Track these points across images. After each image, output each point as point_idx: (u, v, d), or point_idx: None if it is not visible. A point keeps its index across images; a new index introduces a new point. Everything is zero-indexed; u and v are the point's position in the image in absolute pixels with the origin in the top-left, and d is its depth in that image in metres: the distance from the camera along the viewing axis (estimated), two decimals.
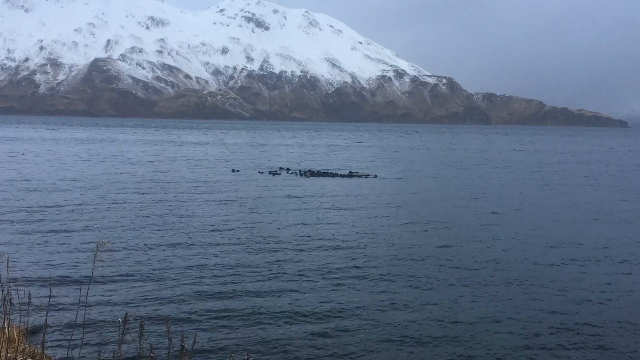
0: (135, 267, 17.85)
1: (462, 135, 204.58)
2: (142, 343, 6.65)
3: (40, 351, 8.87)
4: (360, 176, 48.58)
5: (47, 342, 10.18)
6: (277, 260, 19.14)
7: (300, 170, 51.99)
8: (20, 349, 8.75)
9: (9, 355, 8.35)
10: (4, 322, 7.81)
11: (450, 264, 19.27)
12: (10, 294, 7.39)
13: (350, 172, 51.32)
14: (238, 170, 51.77)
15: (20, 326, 9.01)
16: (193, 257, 19.31)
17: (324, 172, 50.38)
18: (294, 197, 35.05)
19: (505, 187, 43.09)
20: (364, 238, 23.19)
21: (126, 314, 7.20)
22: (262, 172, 50.37)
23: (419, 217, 28.76)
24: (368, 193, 37.74)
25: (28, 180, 40.69)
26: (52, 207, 29.06)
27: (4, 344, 8.06)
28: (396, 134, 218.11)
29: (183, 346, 6.45)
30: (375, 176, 48.93)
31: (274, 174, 49.00)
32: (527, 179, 49.48)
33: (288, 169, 53.49)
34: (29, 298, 7.64)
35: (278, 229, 24.69)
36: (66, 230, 23.10)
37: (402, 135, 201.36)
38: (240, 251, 20.32)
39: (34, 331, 11.36)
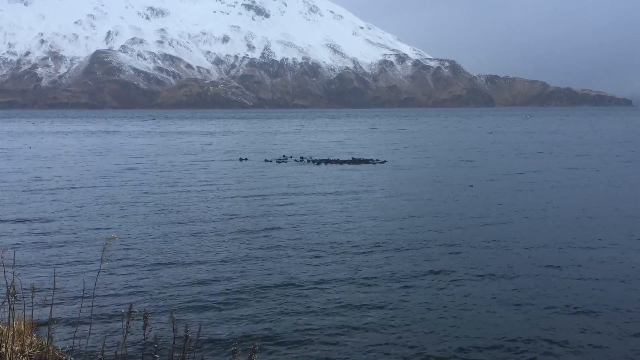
0: (141, 259, 17.82)
1: (468, 119, 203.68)
2: (146, 333, 6.64)
3: (47, 343, 8.89)
4: (367, 162, 48.38)
5: (53, 333, 10.22)
6: (279, 247, 19.13)
7: (305, 158, 51.89)
8: (28, 342, 8.79)
9: (16, 348, 8.35)
10: (10, 316, 7.83)
11: (454, 250, 19.18)
12: (15, 288, 7.46)
13: (357, 158, 51.06)
14: (246, 159, 51.87)
15: (26, 319, 9.03)
16: (201, 248, 19.25)
17: (330, 159, 50.17)
18: (299, 184, 35.00)
19: (526, 172, 42.87)
20: (369, 224, 23.12)
21: (131, 305, 7.22)
22: (269, 161, 50.28)
23: (426, 203, 28.65)
24: (374, 179, 37.60)
25: (37, 174, 40.75)
26: (60, 201, 29.08)
27: (11, 337, 8.12)
28: (400, 119, 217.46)
29: (187, 335, 6.47)
30: (384, 162, 48.73)
31: (280, 162, 48.94)
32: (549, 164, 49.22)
33: (292, 157, 53.43)
34: (34, 292, 7.69)
35: (284, 217, 24.63)
36: (73, 225, 23.06)
37: (407, 119, 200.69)
38: (247, 241, 20.23)
39: (40, 324, 11.40)
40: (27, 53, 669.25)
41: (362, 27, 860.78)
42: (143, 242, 19.89)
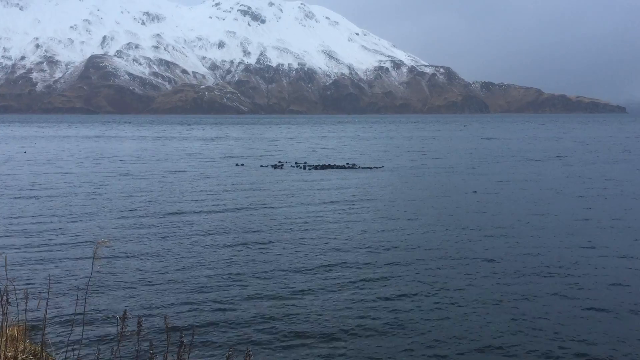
0: (136, 266, 17.71)
1: (467, 125, 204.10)
2: (140, 339, 6.61)
3: (40, 349, 8.90)
4: (364, 168, 48.23)
5: (46, 339, 10.02)
6: (277, 255, 19.08)
7: (301, 163, 51.72)
8: (21, 348, 8.69)
9: (9, 353, 8.27)
10: (2, 321, 7.73)
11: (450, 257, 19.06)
12: (8, 293, 7.36)
13: (353, 164, 50.94)
14: (242, 164, 51.63)
15: (19, 325, 8.93)
16: (196, 254, 19.11)
17: (327, 165, 50.00)
18: (296, 191, 34.93)
19: (517, 180, 42.80)
20: (369, 234, 23.01)
21: (125, 310, 7.22)
22: (265, 166, 50.09)
23: (422, 209, 28.56)
24: (372, 185, 37.46)
25: (31, 179, 40.45)
26: (52, 205, 28.93)
27: (4, 343, 8.00)
28: (397, 124, 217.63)
29: (182, 341, 6.44)
30: (382, 167, 48.66)
31: (276, 167, 48.75)
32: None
33: (287, 162, 53.29)
34: (27, 296, 7.61)
35: (280, 225, 24.55)
36: (67, 231, 22.87)
37: (404, 125, 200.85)
38: (244, 249, 20.12)
39: (33, 329, 11.21)
40: (22, 58, 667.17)
41: (357, 34, 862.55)
42: (138, 249, 19.67)
